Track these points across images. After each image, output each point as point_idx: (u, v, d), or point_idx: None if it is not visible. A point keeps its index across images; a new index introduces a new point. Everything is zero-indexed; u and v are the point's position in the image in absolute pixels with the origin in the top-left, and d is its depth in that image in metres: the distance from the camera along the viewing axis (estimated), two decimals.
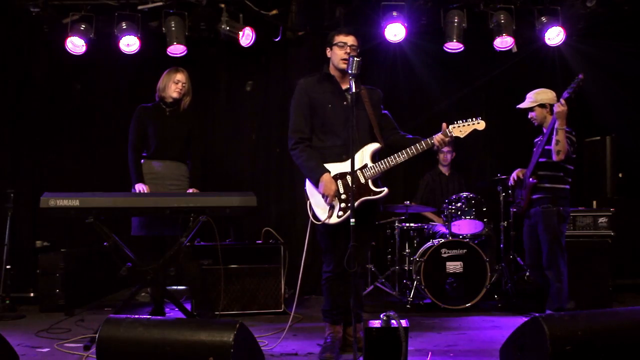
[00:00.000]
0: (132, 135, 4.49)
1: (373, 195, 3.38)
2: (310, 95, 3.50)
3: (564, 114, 4.05)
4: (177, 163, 4.52)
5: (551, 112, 4.27)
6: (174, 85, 4.46)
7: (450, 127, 3.42)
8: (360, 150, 3.42)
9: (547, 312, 4.29)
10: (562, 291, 4.21)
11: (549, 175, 4.29)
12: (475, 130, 3.43)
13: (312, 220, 3.43)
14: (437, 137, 3.40)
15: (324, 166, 3.40)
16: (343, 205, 3.35)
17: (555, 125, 4.09)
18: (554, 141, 4.11)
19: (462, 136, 3.43)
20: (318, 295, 5.38)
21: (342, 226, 3.31)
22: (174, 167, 4.50)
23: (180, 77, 4.49)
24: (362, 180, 3.38)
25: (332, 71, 3.54)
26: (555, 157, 4.14)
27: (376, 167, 3.39)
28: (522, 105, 4.41)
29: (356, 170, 3.34)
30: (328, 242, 3.48)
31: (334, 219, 3.36)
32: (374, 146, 3.46)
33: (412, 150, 3.38)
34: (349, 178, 3.36)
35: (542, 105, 4.35)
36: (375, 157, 3.46)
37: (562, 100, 4.07)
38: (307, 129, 3.49)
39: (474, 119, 3.44)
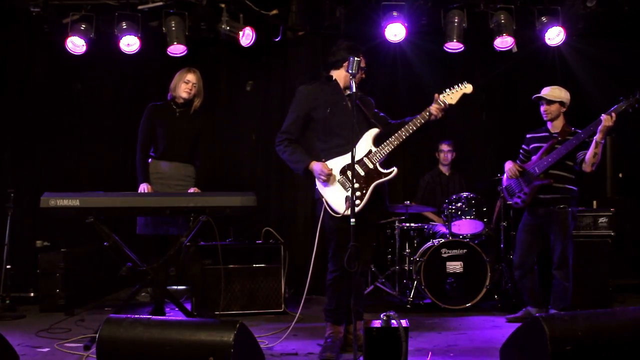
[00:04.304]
0: (141, 134, 4.47)
1: (384, 177, 3.42)
2: (310, 102, 3.57)
3: (608, 129, 4.05)
4: (185, 164, 4.51)
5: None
6: (183, 84, 4.45)
7: (441, 96, 3.46)
8: (361, 139, 3.46)
9: (551, 311, 4.32)
10: (568, 291, 4.26)
11: (563, 176, 4.31)
12: (465, 95, 3.46)
13: (332, 215, 3.42)
14: (433, 108, 3.44)
15: (308, 156, 3.49)
16: (358, 193, 3.38)
17: (596, 138, 4.07)
18: (591, 152, 4.11)
19: (454, 102, 3.46)
20: (318, 295, 5.37)
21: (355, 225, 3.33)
22: (181, 168, 4.49)
23: (190, 77, 4.47)
24: (371, 166, 3.42)
25: (340, 78, 3.60)
26: (587, 169, 4.18)
27: (381, 150, 3.44)
28: (545, 95, 4.35)
29: (362, 158, 3.41)
30: (340, 240, 3.45)
31: (352, 211, 3.36)
32: (374, 131, 3.50)
33: (411, 126, 3.42)
34: (357, 167, 3.40)
35: (561, 103, 4.35)
36: (377, 141, 3.49)
37: (613, 114, 4.05)
38: (297, 132, 3.59)
39: (460, 84, 3.47)
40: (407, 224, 5.46)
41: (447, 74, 6.13)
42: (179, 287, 5.64)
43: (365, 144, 3.46)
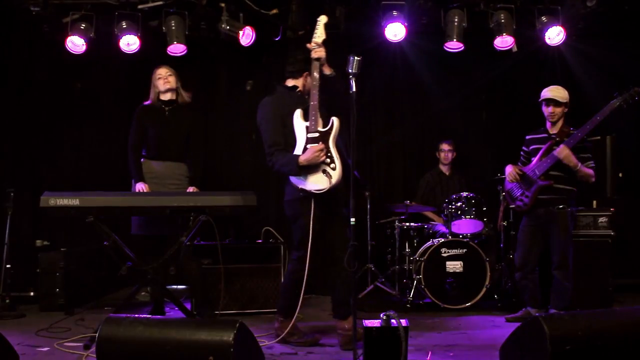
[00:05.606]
0: (132, 136, 4.48)
1: (331, 131, 3.51)
2: (280, 109, 3.66)
3: (568, 157, 4.15)
4: (177, 163, 4.51)
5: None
6: (159, 80, 4.49)
7: (312, 42, 3.56)
8: (294, 124, 3.60)
9: (551, 311, 4.33)
10: (568, 291, 4.27)
11: (562, 177, 4.31)
12: (325, 24, 3.61)
13: (324, 192, 3.48)
14: (313, 53, 3.55)
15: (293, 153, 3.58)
16: (328, 161, 3.47)
17: (570, 165, 4.17)
18: (578, 176, 4.22)
19: (324, 36, 3.57)
20: (318, 295, 5.38)
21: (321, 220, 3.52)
22: (174, 167, 4.50)
23: (161, 70, 4.51)
24: (317, 135, 3.50)
25: (300, 86, 3.77)
26: (587, 182, 4.29)
27: (312, 112, 3.51)
28: (555, 97, 4.33)
29: (306, 137, 3.52)
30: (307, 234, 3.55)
31: (336, 177, 3.46)
32: (298, 112, 3.60)
33: (314, 80, 3.51)
34: (310, 145, 3.50)
35: (566, 105, 4.37)
36: (306, 116, 3.58)
37: (562, 146, 4.16)
38: (283, 141, 3.63)
39: (316, 21, 3.61)
40: (407, 224, 5.46)
41: (447, 73, 6.14)
42: (179, 287, 5.63)
43: (299, 126, 3.57)
